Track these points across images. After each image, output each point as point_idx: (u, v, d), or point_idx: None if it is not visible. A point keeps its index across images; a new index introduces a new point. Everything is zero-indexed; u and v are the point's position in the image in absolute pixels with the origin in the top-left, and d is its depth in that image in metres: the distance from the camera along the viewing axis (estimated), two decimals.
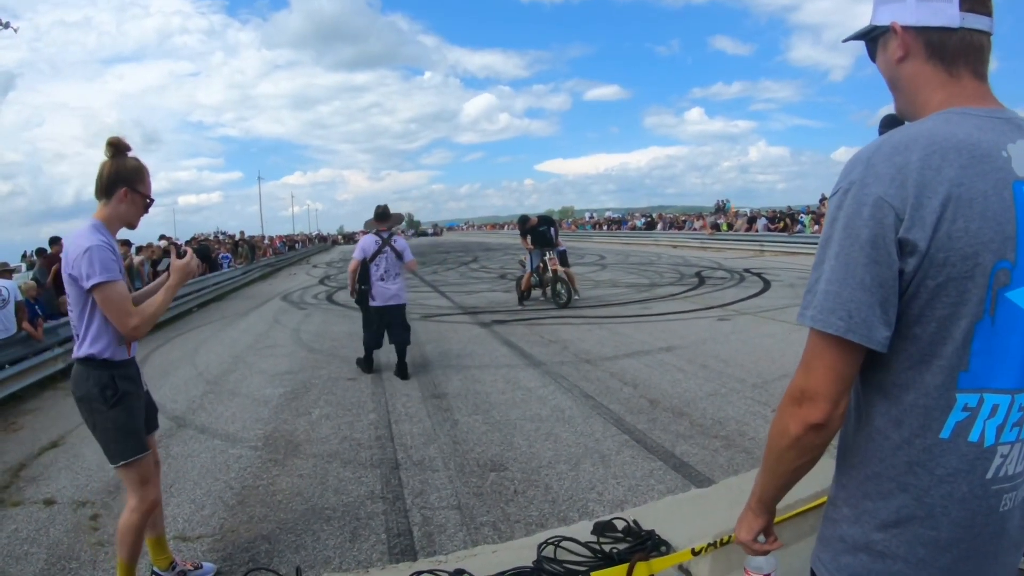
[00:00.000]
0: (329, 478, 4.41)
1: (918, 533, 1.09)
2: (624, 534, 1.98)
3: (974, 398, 1.05)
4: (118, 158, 2.67)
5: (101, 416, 2.62)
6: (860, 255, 1.03)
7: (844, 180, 1.08)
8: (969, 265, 1.00)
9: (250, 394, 6.74)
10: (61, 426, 5.98)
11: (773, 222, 26.22)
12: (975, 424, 1.06)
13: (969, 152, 1.02)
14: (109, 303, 2.51)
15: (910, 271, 1.02)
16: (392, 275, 7.13)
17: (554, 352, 8.07)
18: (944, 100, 1.12)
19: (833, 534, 1.19)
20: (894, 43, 1.16)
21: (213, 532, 3.70)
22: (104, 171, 2.63)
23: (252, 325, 11.98)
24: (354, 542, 3.53)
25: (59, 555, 3.53)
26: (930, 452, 1.07)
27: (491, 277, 19.67)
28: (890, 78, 1.21)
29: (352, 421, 5.66)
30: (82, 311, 2.56)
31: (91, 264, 2.44)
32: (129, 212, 2.68)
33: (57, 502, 4.23)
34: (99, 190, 2.64)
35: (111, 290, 2.49)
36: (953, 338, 1.03)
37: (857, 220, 1.03)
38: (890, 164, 1.03)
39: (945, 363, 1.04)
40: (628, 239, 35.64)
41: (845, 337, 1.04)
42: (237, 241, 26.26)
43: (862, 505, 1.14)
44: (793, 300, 11.45)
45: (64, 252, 2.55)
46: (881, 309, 1.03)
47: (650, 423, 5.20)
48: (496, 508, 3.85)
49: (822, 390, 1.08)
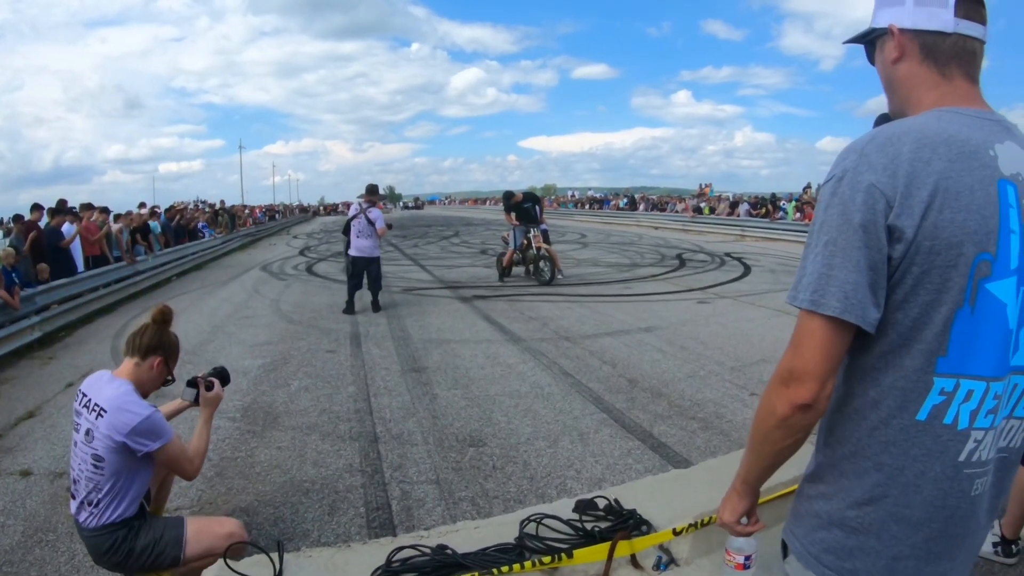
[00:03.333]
0: (308, 451, 4.41)
1: (891, 511, 1.13)
2: (606, 512, 1.99)
3: (951, 382, 1.09)
4: (163, 328, 2.65)
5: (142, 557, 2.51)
6: (854, 238, 1.06)
7: (838, 168, 1.12)
8: (953, 254, 1.05)
9: (229, 364, 6.59)
10: (37, 396, 5.90)
11: (755, 208, 26.33)
12: (950, 408, 1.10)
13: (958, 148, 1.07)
14: (174, 459, 2.52)
15: (897, 257, 1.06)
16: (365, 235, 9.30)
17: (534, 329, 8.09)
18: (936, 100, 1.17)
19: (808, 509, 1.24)
20: (891, 44, 1.21)
21: (191, 504, 3.69)
22: (147, 333, 2.60)
23: (231, 295, 11.87)
24: (332, 515, 3.54)
25: (36, 527, 3.50)
26: (906, 432, 1.11)
27: (472, 252, 19.62)
28: (886, 78, 1.26)
29: (331, 394, 5.65)
30: (118, 475, 2.41)
31: (153, 431, 2.39)
32: (153, 381, 2.62)
33: (33, 473, 4.18)
34: (135, 348, 2.57)
35: (172, 447, 2.47)
36: (934, 323, 1.07)
37: (851, 206, 1.07)
38: (883, 154, 1.08)
39: (925, 347, 1.08)
40: (610, 219, 35.64)
41: (841, 317, 1.06)
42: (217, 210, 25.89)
43: (838, 483, 1.18)
44: (773, 286, 11.55)
45: (109, 419, 2.36)
46: (872, 291, 1.07)
47: (629, 402, 5.24)
48: (474, 483, 3.87)
49: (812, 370, 1.10)
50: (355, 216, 9.43)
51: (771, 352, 6.77)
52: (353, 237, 9.36)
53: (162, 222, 16.27)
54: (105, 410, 2.38)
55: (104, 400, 2.40)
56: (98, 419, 2.38)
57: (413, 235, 27.65)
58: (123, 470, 2.41)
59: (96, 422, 2.38)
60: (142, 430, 2.37)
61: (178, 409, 3.04)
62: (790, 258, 15.93)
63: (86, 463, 2.41)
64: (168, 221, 17.07)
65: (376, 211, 9.45)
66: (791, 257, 16.15)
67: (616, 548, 1.78)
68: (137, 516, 2.49)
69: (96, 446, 2.38)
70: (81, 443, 2.43)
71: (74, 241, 10.52)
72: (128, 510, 2.45)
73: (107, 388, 2.45)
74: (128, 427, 2.35)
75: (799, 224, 21.47)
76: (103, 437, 2.36)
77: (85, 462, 2.41)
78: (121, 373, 2.54)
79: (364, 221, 9.27)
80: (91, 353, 7.62)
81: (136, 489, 2.48)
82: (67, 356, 7.56)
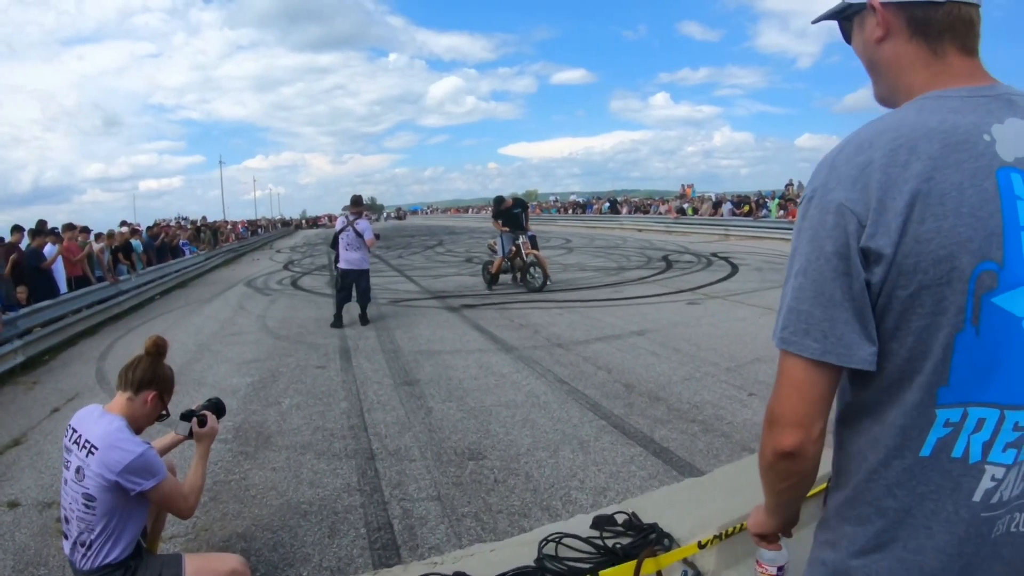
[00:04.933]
0: (303, 471, 4.30)
1: (902, 557, 0.99)
2: (625, 528, 1.93)
3: (956, 412, 0.95)
4: (157, 360, 2.56)
5: None
6: (827, 268, 0.95)
7: (810, 187, 1.01)
8: (944, 269, 0.91)
9: (217, 383, 6.56)
10: (22, 422, 5.74)
11: (739, 207, 26.45)
12: (958, 439, 0.96)
13: (941, 141, 0.93)
14: (168, 498, 2.42)
15: (877, 282, 0.94)
16: (354, 247, 9.20)
17: (525, 336, 8.02)
18: (927, 81, 1.02)
19: (816, 557, 1.13)
20: (872, 21, 1.06)
21: (186, 532, 3.56)
22: (140, 366, 2.50)
23: (216, 312, 11.70)
24: (333, 538, 3.44)
25: (27, 560, 3.37)
26: (910, 472, 0.98)
27: (457, 261, 19.55)
28: (868, 60, 1.11)
29: (323, 410, 5.54)
30: (111, 515, 2.31)
31: (147, 469, 2.29)
32: (147, 416, 2.52)
33: (21, 504, 4.04)
34: (127, 383, 2.47)
35: (167, 485, 2.38)
36: (932, 352, 0.94)
37: (821, 231, 0.96)
38: (852, 165, 0.95)
39: (924, 379, 0.95)
40: (593, 223, 35.66)
41: (823, 360, 0.96)
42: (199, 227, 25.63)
43: (841, 529, 1.07)
44: (761, 284, 11.57)
45: (100, 456, 2.26)
46: (860, 324, 0.95)
47: (627, 408, 5.18)
48: (477, 498, 3.78)
49: (790, 416, 1.01)
50: (343, 229, 9.31)
51: (765, 351, 6.74)
52: (342, 250, 9.25)
53: (144, 240, 16.05)
54: (96, 447, 2.27)
55: (95, 437, 2.29)
56: (89, 456, 2.27)
57: (396, 246, 27.53)
58: (116, 509, 2.30)
59: (87, 460, 2.27)
60: (135, 468, 2.26)
61: (172, 443, 2.93)
62: (776, 256, 16.00)
63: (77, 502, 2.30)
64: (151, 240, 16.85)
65: (363, 222, 9.38)
66: (777, 255, 16.22)
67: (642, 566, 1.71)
68: (133, 556, 2.38)
69: (87, 485, 2.27)
70: (72, 481, 2.32)
71: (56, 262, 10.32)
72: (124, 551, 2.34)
73: (98, 424, 2.34)
74: (120, 465, 2.24)
75: (784, 222, 21.61)
76: (94, 476, 2.25)
77: (76, 501, 2.30)
78: (113, 408, 2.43)
79: (352, 233, 9.18)
80: (76, 376, 7.45)
81: (132, 530, 2.37)
82: (52, 380, 7.38)
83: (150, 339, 2.57)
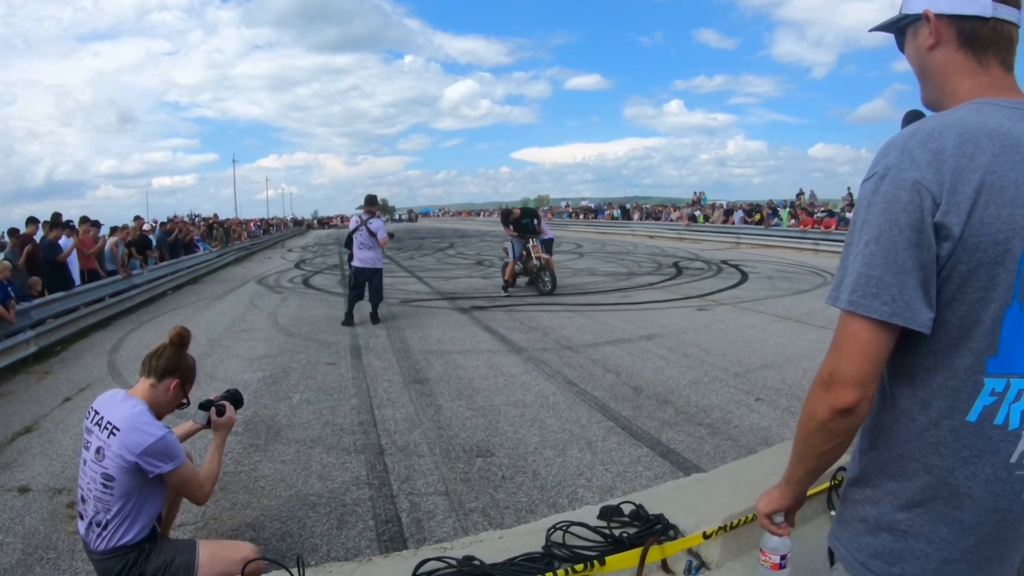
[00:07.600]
0: (313, 464, 4.34)
1: (942, 512, 1.09)
2: (632, 518, 1.95)
3: (1001, 383, 1.06)
4: (181, 350, 2.61)
5: None
6: (900, 238, 1.03)
7: (879, 165, 1.08)
8: (1000, 251, 1.02)
9: (228, 378, 6.61)
10: (34, 411, 5.81)
11: (750, 215, 26.38)
12: (1001, 408, 1.06)
13: (1001, 141, 1.03)
14: (185, 483, 2.47)
15: (944, 255, 1.03)
16: (367, 246, 9.29)
17: (535, 339, 8.05)
18: (973, 89, 1.13)
19: (854, 514, 1.20)
20: (925, 31, 1.17)
21: (195, 520, 3.61)
22: (164, 355, 2.55)
23: (228, 308, 11.78)
24: (341, 529, 3.47)
25: (36, 544, 3.42)
26: (956, 434, 1.08)
27: (468, 263, 19.59)
28: (919, 67, 1.22)
29: (334, 406, 5.58)
30: (128, 497, 2.35)
31: (166, 452, 2.34)
32: (168, 403, 2.57)
33: (32, 489, 4.10)
34: (151, 370, 2.52)
35: (185, 470, 2.42)
36: (983, 322, 1.04)
37: (896, 204, 1.04)
38: (926, 150, 1.04)
39: (975, 346, 1.05)
40: (604, 228, 35.65)
41: (890, 321, 1.03)
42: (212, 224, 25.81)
43: (885, 485, 1.15)
44: (771, 292, 11.54)
45: (121, 438, 2.31)
46: (923, 291, 1.04)
47: (635, 410, 5.20)
48: (484, 494, 3.81)
49: (853, 374, 1.07)
50: (356, 228, 9.39)
51: (773, 358, 6.75)
52: (356, 249, 9.33)
53: (157, 236, 16.17)
54: (118, 429, 2.32)
55: (117, 419, 2.34)
56: (110, 437, 2.31)
57: (408, 247, 27.60)
58: (133, 491, 2.34)
59: (108, 440, 2.32)
60: (155, 451, 2.31)
61: (190, 431, 2.97)
62: (787, 264, 15.96)
63: (95, 482, 2.34)
64: (164, 235, 16.98)
65: (377, 221, 9.47)
66: (788, 263, 16.18)
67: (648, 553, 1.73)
68: (149, 539, 2.42)
69: (107, 465, 2.31)
70: (91, 461, 2.36)
71: (71, 255, 10.43)
72: (140, 533, 2.38)
73: (121, 407, 2.39)
74: (141, 447, 2.28)
75: (794, 231, 21.57)
76: (114, 456, 2.29)
77: (94, 481, 2.34)
78: (136, 393, 2.48)
79: (366, 233, 9.27)
80: (88, 368, 7.53)
81: (148, 513, 2.41)
82: (63, 371, 7.46)
83: (174, 329, 2.62)
